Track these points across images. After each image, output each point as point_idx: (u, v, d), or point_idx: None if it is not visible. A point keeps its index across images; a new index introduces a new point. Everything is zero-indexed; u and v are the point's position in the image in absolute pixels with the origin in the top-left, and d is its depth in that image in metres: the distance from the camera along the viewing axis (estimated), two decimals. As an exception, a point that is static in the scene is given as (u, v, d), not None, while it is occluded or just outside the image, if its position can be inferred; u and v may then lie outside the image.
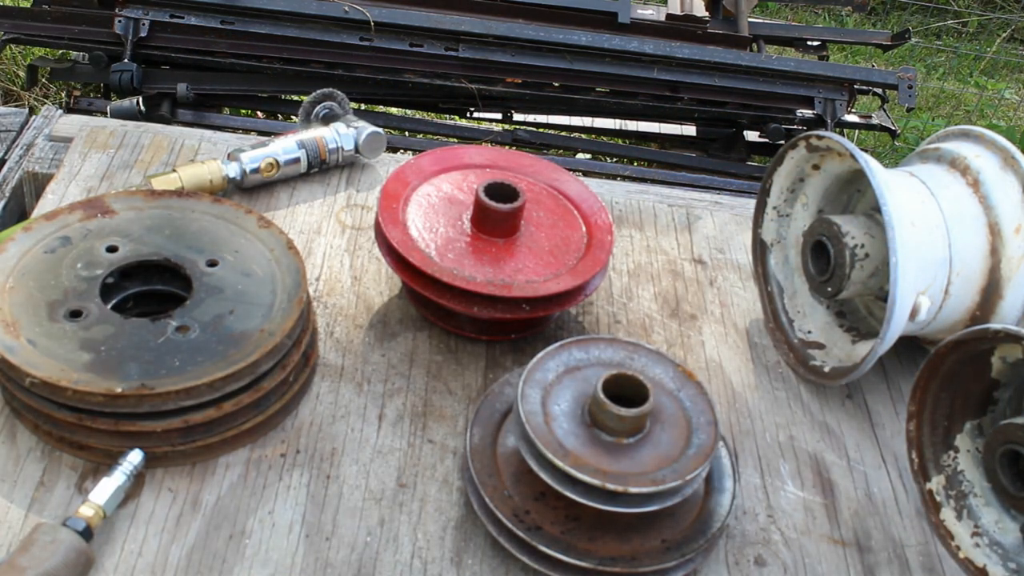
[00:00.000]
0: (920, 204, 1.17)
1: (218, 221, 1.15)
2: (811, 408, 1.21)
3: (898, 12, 4.45)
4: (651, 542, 0.97)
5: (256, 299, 1.06)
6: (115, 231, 1.11)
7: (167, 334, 1.01)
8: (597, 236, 1.23)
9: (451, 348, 1.20)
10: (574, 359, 1.04)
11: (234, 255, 1.11)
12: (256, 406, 1.03)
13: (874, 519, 1.09)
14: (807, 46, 2.89)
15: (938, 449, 1.06)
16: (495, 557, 0.98)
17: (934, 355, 1.03)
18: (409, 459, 1.06)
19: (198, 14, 2.36)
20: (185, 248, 1.11)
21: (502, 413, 1.06)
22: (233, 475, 1.02)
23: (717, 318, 1.31)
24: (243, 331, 1.03)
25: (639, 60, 2.51)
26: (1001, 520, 1.02)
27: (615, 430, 0.96)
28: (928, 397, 1.06)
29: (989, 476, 1.02)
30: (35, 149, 1.43)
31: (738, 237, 1.46)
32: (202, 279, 1.08)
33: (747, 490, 1.10)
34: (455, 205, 1.23)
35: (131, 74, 2.29)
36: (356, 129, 1.43)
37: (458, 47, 2.44)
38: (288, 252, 1.12)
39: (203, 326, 1.03)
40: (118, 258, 1.08)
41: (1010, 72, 4.26)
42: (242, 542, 0.96)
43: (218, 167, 1.32)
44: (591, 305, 1.30)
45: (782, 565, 1.03)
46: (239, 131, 2.25)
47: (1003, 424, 0.98)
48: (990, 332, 0.96)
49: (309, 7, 2.38)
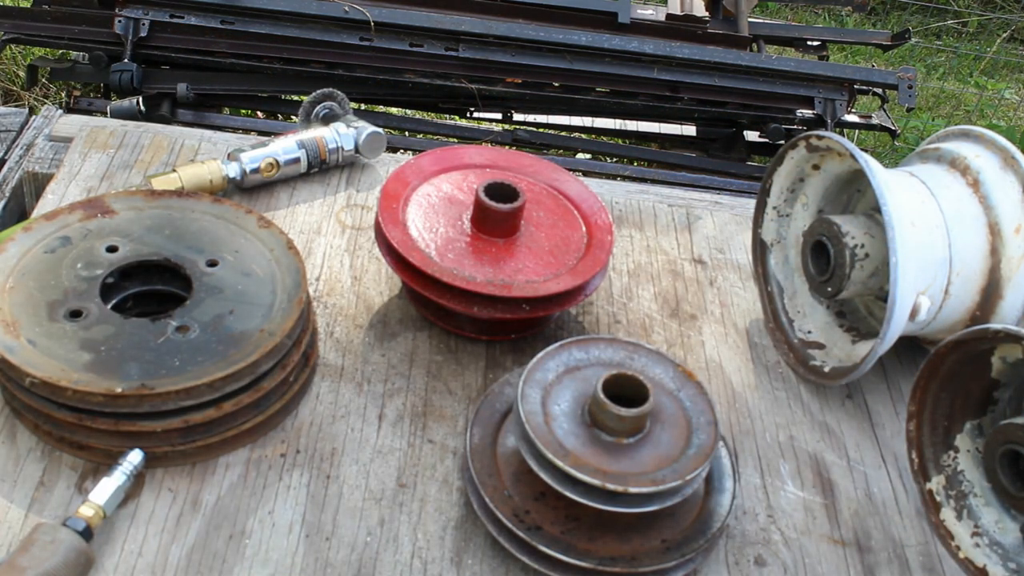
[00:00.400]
0: (920, 204, 1.17)
1: (218, 221, 1.15)
2: (811, 408, 1.21)
3: (898, 12, 4.45)
4: (651, 542, 0.97)
5: (256, 299, 1.06)
6: (115, 231, 1.11)
7: (167, 334, 1.01)
8: (597, 236, 1.23)
9: (451, 348, 1.20)
10: (574, 359, 1.04)
11: (234, 255, 1.11)
12: (256, 406, 1.03)
13: (874, 519, 1.09)
14: (807, 46, 2.89)
15: (938, 449, 1.06)
16: (495, 557, 0.98)
17: (934, 355, 1.03)
18: (409, 459, 1.06)
19: (198, 14, 2.36)
20: (185, 248, 1.11)
21: (502, 413, 1.06)
22: (233, 475, 1.02)
23: (717, 318, 1.31)
24: (243, 331, 1.03)
25: (639, 60, 2.51)
26: (1001, 520, 1.02)
27: (615, 430, 0.96)
28: (928, 397, 1.06)
29: (989, 476, 1.02)
30: (35, 149, 1.43)
31: (738, 237, 1.46)
32: (202, 279, 1.08)
33: (747, 490, 1.10)
34: (455, 205, 1.23)
35: (131, 74, 2.29)
36: (356, 129, 1.43)
37: (458, 47, 2.44)
38: (288, 252, 1.12)
39: (203, 326, 1.03)
40: (118, 258, 1.08)
41: (1010, 72, 4.26)
42: (242, 542, 0.96)
43: (218, 167, 1.32)
44: (591, 305, 1.30)
45: (782, 565, 1.03)
46: (239, 131, 2.25)
47: (1003, 424, 0.98)
48: (990, 332, 0.96)
49: (309, 7, 2.38)
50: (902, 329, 1.11)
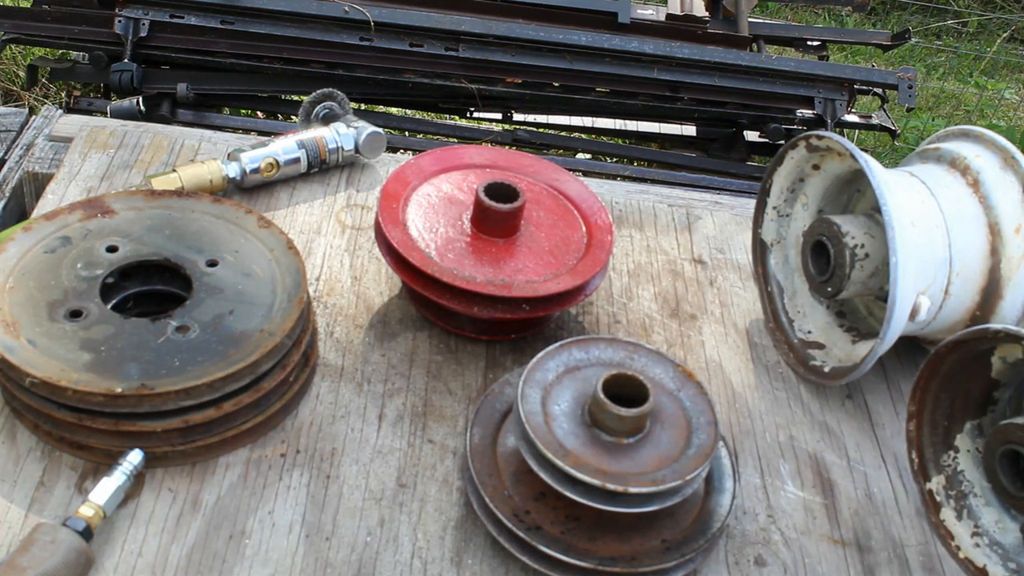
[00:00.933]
0: (920, 204, 1.17)
1: (218, 221, 1.15)
2: (811, 408, 1.21)
3: (898, 12, 4.45)
4: (651, 542, 0.97)
5: (256, 299, 1.06)
6: (115, 231, 1.11)
7: (167, 334, 1.01)
8: (597, 236, 1.23)
9: (451, 348, 1.20)
10: (574, 359, 1.04)
11: (234, 255, 1.11)
12: (256, 406, 1.03)
13: (874, 519, 1.09)
14: (807, 46, 2.89)
15: (938, 449, 1.06)
16: (495, 557, 0.98)
17: (934, 355, 1.03)
18: (409, 459, 1.06)
19: (198, 14, 2.36)
20: (185, 248, 1.11)
21: (502, 413, 1.06)
22: (233, 475, 1.02)
23: (717, 318, 1.31)
24: (243, 331, 1.03)
25: (639, 60, 2.51)
26: (1001, 520, 1.02)
27: (615, 430, 0.96)
28: (928, 397, 1.06)
29: (989, 476, 1.02)
30: (35, 149, 1.43)
31: (738, 237, 1.46)
32: (202, 279, 1.08)
33: (747, 490, 1.10)
34: (455, 205, 1.23)
35: (131, 74, 2.29)
36: (356, 129, 1.43)
37: (458, 47, 2.44)
38: (288, 252, 1.12)
39: (203, 326, 1.03)
40: (118, 258, 1.08)
41: (1010, 72, 4.26)
42: (242, 542, 0.96)
43: (218, 167, 1.32)
44: (591, 305, 1.30)
45: (782, 565, 1.03)
46: (239, 131, 2.25)
47: (1003, 424, 0.98)
48: (990, 332, 0.96)
49: (309, 7, 2.38)
50: (902, 329, 1.11)
